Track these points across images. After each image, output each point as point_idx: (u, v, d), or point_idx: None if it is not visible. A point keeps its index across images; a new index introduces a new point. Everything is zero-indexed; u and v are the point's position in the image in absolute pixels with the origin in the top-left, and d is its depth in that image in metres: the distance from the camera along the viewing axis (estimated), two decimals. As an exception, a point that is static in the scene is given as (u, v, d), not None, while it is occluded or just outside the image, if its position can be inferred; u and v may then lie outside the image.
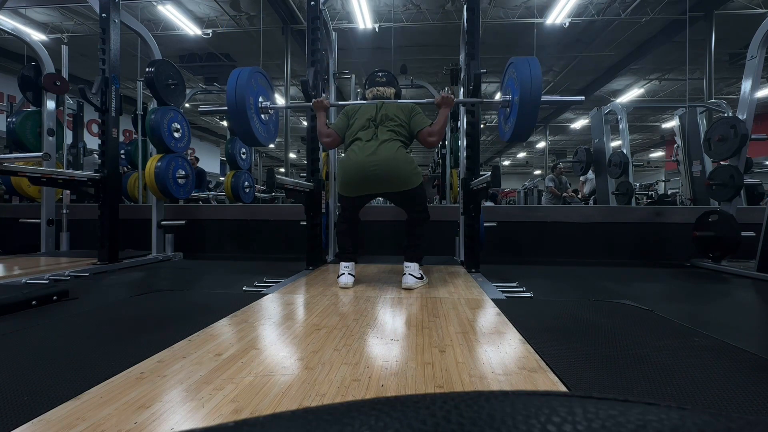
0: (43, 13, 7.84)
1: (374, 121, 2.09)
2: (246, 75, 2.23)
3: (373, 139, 2.05)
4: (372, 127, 2.08)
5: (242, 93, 2.19)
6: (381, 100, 2.19)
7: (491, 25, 8.03)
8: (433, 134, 2.07)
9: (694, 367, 1.02)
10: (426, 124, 2.10)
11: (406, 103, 2.19)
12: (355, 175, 2.01)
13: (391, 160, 1.98)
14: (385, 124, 2.08)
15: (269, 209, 4.27)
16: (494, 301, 1.72)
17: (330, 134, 2.19)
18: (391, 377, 0.92)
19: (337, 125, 2.21)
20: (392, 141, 2.03)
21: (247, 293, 1.93)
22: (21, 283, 2.23)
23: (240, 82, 2.19)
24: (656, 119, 15.09)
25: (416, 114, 2.14)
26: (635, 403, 0.17)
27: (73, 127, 5.22)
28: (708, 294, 2.23)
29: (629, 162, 4.96)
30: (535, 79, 1.98)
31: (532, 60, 2.04)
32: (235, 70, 2.26)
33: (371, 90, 2.28)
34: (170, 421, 0.72)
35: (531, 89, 1.98)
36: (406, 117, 2.12)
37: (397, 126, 2.08)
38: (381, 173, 1.98)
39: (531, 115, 2.04)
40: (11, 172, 2.56)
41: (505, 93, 2.27)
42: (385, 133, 2.05)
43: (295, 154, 17.48)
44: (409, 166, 2.02)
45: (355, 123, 2.14)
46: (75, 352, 1.11)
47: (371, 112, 2.13)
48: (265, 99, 2.44)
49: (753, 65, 2.95)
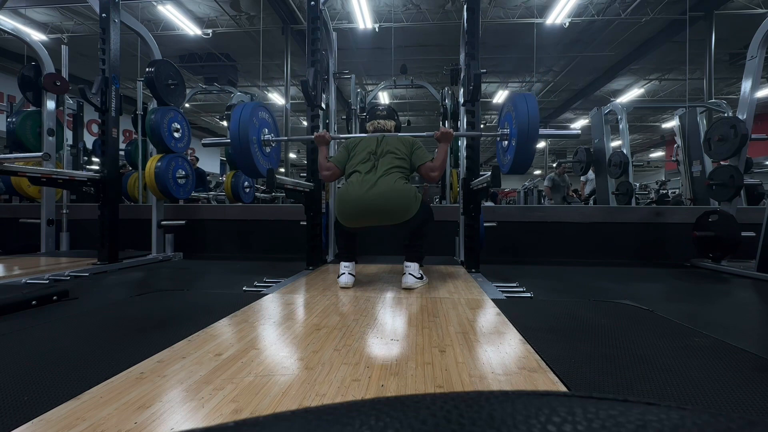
0: (43, 13, 7.84)
1: (374, 153, 2.10)
2: (249, 110, 2.26)
3: (372, 172, 2.04)
4: (372, 159, 2.09)
5: (246, 127, 2.21)
6: (382, 134, 2.20)
7: (491, 25, 8.03)
8: (435, 169, 2.09)
9: (694, 367, 1.02)
10: (427, 158, 2.11)
11: (407, 137, 2.20)
12: (354, 209, 2.00)
13: (390, 192, 1.97)
14: (385, 156, 2.09)
15: (269, 209, 4.27)
16: (494, 301, 1.72)
17: (329, 167, 2.20)
18: (391, 377, 0.92)
19: (337, 158, 2.21)
20: (391, 173, 2.03)
21: (247, 293, 1.93)
22: (21, 283, 2.23)
23: (243, 117, 2.22)
24: (656, 119, 15.08)
25: (417, 148, 2.15)
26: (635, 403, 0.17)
27: (73, 127, 5.22)
28: (708, 294, 2.23)
29: (629, 162, 4.96)
30: (533, 116, 2.01)
31: (529, 97, 2.09)
32: (239, 105, 2.30)
33: (372, 123, 2.30)
34: (170, 421, 0.72)
35: (529, 126, 2.02)
36: (407, 150, 2.13)
37: (397, 158, 2.08)
38: (380, 208, 1.97)
39: (528, 151, 2.08)
40: (11, 172, 2.56)
41: (503, 126, 2.30)
42: (385, 165, 2.05)
43: (295, 154, 17.47)
44: (408, 196, 2.00)
45: (356, 156, 2.14)
46: (75, 352, 1.11)
47: (372, 146, 2.14)
48: (268, 131, 2.45)
49: (753, 65, 2.95)
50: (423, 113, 14.80)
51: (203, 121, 15.23)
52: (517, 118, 2.06)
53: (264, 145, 2.41)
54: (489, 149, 22.25)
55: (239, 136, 2.21)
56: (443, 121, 5.48)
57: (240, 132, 2.21)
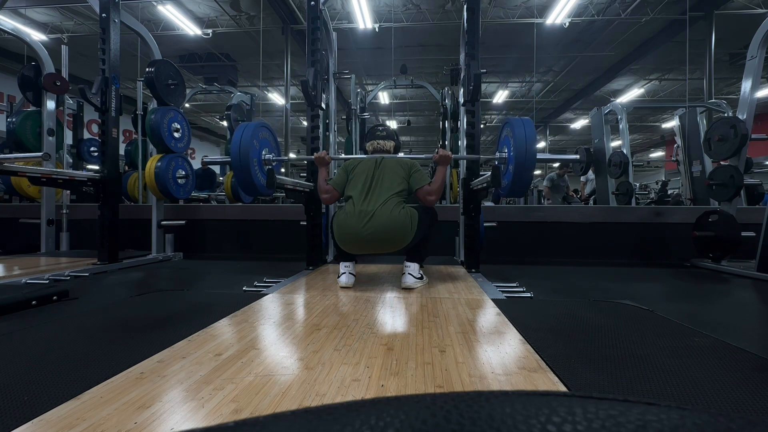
0: (43, 13, 7.84)
1: (372, 177, 2.11)
2: (251, 130, 2.26)
3: (368, 199, 2.04)
4: (369, 184, 2.09)
5: (246, 147, 2.22)
6: (381, 156, 2.21)
7: (491, 25, 8.03)
8: (432, 193, 2.08)
9: (694, 367, 1.02)
10: (425, 182, 2.11)
11: (406, 159, 2.21)
12: (353, 241, 2.02)
13: (388, 224, 1.96)
14: (383, 180, 2.09)
15: (269, 209, 4.27)
16: (494, 301, 1.72)
17: (328, 191, 2.20)
18: (391, 377, 0.92)
19: (336, 182, 2.22)
20: (389, 201, 2.02)
21: (247, 293, 1.93)
22: (21, 283, 2.23)
23: (245, 137, 2.23)
24: (656, 119, 15.08)
25: (416, 171, 2.14)
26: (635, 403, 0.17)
27: (73, 127, 5.22)
28: (708, 294, 2.23)
29: (629, 162, 4.96)
30: (530, 140, 2.03)
31: (527, 121, 2.10)
32: (241, 125, 2.31)
33: (371, 143, 2.31)
34: (170, 421, 0.72)
35: (526, 150, 2.03)
36: (405, 173, 2.13)
37: (395, 183, 2.08)
38: (378, 240, 1.97)
39: (527, 174, 2.10)
40: (11, 172, 2.56)
41: (501, 150, 2.32)
42: (382, 193, 2.05)
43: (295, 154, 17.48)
44: (405, 224, 1.98)
45: (354, 179, 2.15)
46: (75, 352, 1.11)
47: (371, 168, 2.14)
48: (269, 151, 2.45)
49: (753, 65, 2.95)
50: (423, 113, 14.80)
51: (203, 121, 15.23)
52: (515, 144, 2.07)
53: (264, 164, 2.42)
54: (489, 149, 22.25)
55: (240, 156, 2.22)
56: (443, 120, 5.48)
57: (241, 152, 2.22)
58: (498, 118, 16.23)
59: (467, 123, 2.76)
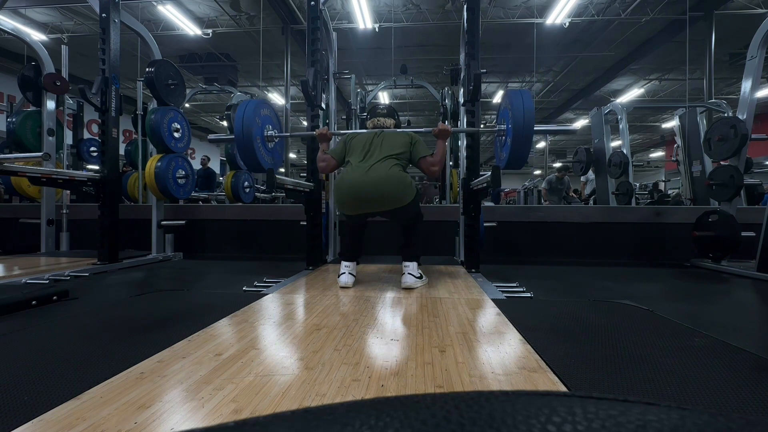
0: (43, 13, 7.84)
1: (371, 144, 2.12)
2: (252, 107, 2.28)
3: (366, 159, 2.06)
4: (368, 149, 2.10)
5: (249, 124, 2.23)
6: (381, 130, 2.22)
7: (491, 25, 8.03)
8: (435, 164, 2.10)
9: (695, 367, 1.02)
10: (427, 152, 2.12)
11: (406, 132, 2.22)
12: (348, 195, 2.02)
13: (383, 179, 1.97)
14: (383, 144, 2.10)
15: (269, 209, 4.27)
16: (494, 301, 1.72)
17: (326, 159, 2.22)
18: (391, 377, 0.92)
19: (334, 150, 2.23)
20: (387, 160, 2.03)
21: (247, 293, 1.93)
22: (21, 283, 2.23)
23: (247, 114, 2.24)
24: (656, 119, 15.08)
25: (417, 142, 2.16)
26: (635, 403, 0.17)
27: (73, 127, 5.22)
28: (708, 294, 2.23)
29: (629, 162, 4.96)
30: (528, 111, 2.03)
31: (524, 93, 2.11)
32: (243, 102, 2.32)
33: (372, 120, 2.32)
34: (170, 421, 0.72)
35: (524, 121, 2.03)
36: (405, 143, 2.13)
37: (393, 148, 2.09)
38: (373, 193, 1.97)
39: (524, 145, 2.10)
40: (11, 172, 2.56)
41: (500, 123, 2.33)
42: (381, 153, 2.06)
43: (295, 154, 17.48)
44: (401, 183, 2.00)
45: (353, 146, 2.16)
46: (75, 352, 1.11)
47: (370, 136, 2.15)
48: (272, 128, 2.46)
49: (753, 65, 2.95)
50: (423, 113, 14.80)
51: (203, 121, 15.23)
52: (512, 114, 2.07)
53: (267, 141, 2.43)
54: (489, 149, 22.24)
55: (243, 133, 2.23)
56: (443, 120, 5.48)
57: (244, 129, 2.23)
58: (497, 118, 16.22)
59: (467, 123, 2.75)
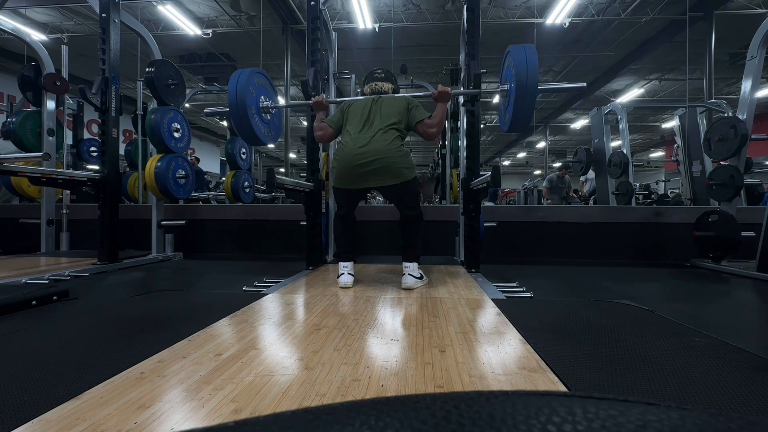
0: (43, 13, 7.84)
1: (370, 111, 2.08)
2: (246, 76, 2.23)
3: (365, 129, 2.03)
4: (366, 117, 2.06)
5: (243, 94, 2.18)
6: (378, 95, 2.17)
7: (491, 25, 8.03)
8: (432, 126, 2.04)
9: (695, 367, 1.02)
10: (425, 116, 2.07)
11: (404, 96, 2.16)
12: (347, 167, 1.99)
13: (383, 151, 1.95)
14: (380, 114, 2.06)
15: (269, 209, 4.27)
16: (494, 301, 1.72)
17: (323, 128, 2.18)
18: (391, 377, 0.92)
19: (332, 119, 2.19)
20: (386, 132, 2.00)
21: (247, 293, 1.93)
22: (21, 283, 2.23)
23: (240, 84, 2.19)
24: (656, 119, 15.08)
25: (414, 106, 2.11)
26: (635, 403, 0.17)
27: (73, 127, 5.22)
28: (708, 294, 2.23)
29: (629, 162, 4.96)
30: (532, 66, 1.92)
31: (528, 47, 1.98)
32: (236, 72, 2.26)
33: (369, 85, 2.27)
34: (170, 421, 0.72)
35: (527, 77, 1.92)
36: (403, 109, 2.09)
37: (392, 116, 2.05)
38: (372, 165, 1.95)
39: (529, 104, 1.98)
40: (11, 172, 2.56)
41: (504, 83, 2.21)
42: (380, 123, 2.03)
43: (295, 154, 17.48)
44: (401, 160, 1.98)
45: (351, 115, 2.13)
46: (75, 352, 1.11)
47: (368, 104, 2.11)
48: (267, 99, 2.43)
49: (753, 65, 2.95)
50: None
51: (203, 121, 15.23)
52: (516, 71, 1.96)
53: (263, 112, 2.38)
54: (489, 149, 22.24)
55: (237, 102, 2.17)
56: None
57: (237, 99, 2.16)
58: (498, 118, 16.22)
59: (467, 123, 2.76)
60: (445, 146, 5.37)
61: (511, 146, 21.17)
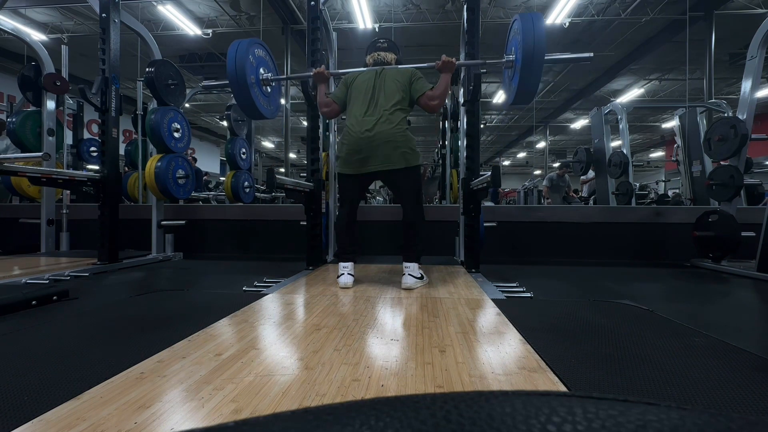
0: (43, 13, 7.84)
1: (374, 88, 2.07)
2: (245, 45, 2.16)
3: (370, 110, 2.03)
4: (371, 97, 2.06)
5: (242, 63, 2.12)
6: (381, 67, 2.15)
7: (491, 25, 8.03)
8: (435, 98, 2.02)
9: (695, 367, 1.02)
10: (427, 88, 2.06)
11: (407, 68, 2.14)
12: (353, 150, 2.01)
13: (389, 135, 1.97)
14: (384, 90, 2.05)
15: (269, 209, 4.27)
16: (494, 301, 1.72)
17: (329, 104, 2.16)
18: (391, 377, 0.92)
19: (336, 94, 2.18)
20: (392, 113, 2.01)
21: (247, 293, 1.93)
22: (21, 283, 2.23)
23: (240, 53, 2.13)
24: (656, 119, 15.09)
25: (417, 78, 2.09)
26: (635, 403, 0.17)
27: (73, 127, 5.22)
28: (708, 294, 2.23)
29: (629, 162, 4.96)
30: (539, 33, 1.88)
31: (535, 15, 1.94)
32: (235, 41, 2.20)
33: (372, 55, 2.24)
34: (170, 421, 0.72)
35: (534, 45, 1.88)
36: (406, 81, 2.08)
37: (396, 93, 2.05)
38: (378, 148, 1.97)
39: (536, 73, 1.93)
40: (11, 172, 2.56)
41: (509, 53, 2.17)
42: (384, 103, 2.03)
43: (295, 154, 17.48)
44: (407, 143, 2.00)
45: (355, 91, 2.12)
46: (75, 352, 1.11)
47: (371, 80, 2.10)
48: (267, 71, 2.39)
49: (753, 65, 2.95)
50: (423, 113, 14.77)
51: (203, 121, 15.23)
52: (523, 41, 1.92)
53: (263, 84, 2.34)
54: (489, 149, 22.24)
55: (236, 72, 2.12)
56: (443, 120, 5.47)
57: (237, 68, 2.12)
58: (498, 118, 16.22)
59: (467, 123, 2.76)
60: (445, 146, 5.37)
61: (511, 146, 21.17)
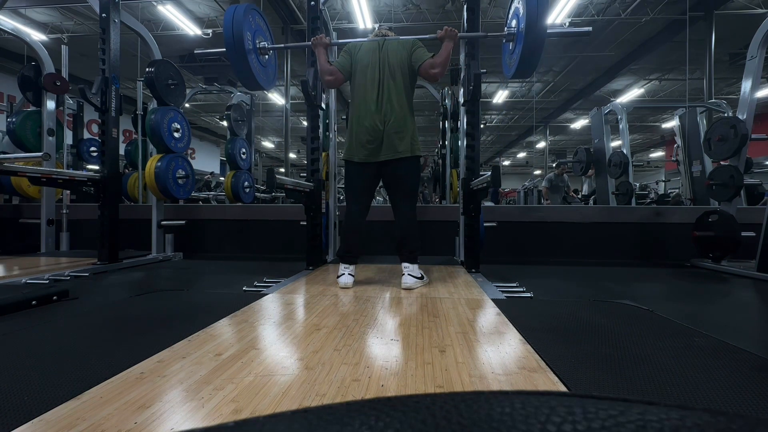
0: (43, 13, 7.84)
1: (379, 67, 2.09)
2: (242, 11, 2.12)
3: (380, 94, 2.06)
4: (379, 77, 2.08)
5: (239, 29, 2.09)
6: (383, 38, 2.17)
7: (491, 25, 8.02)
8: (436, 66, 2.00)
9: (694, 367, 1.02)
10: (428, 56, 2.06)
11: (408, 39, 2.16)
12: (367, 138, 2.05)
13: (398, 123, 2.03)
14: (388, 68, 2.08)
15: (269, 209, 4.27)
16: (494, 301, 1.72)
17: (333, 72, 2.16)
18: (391, 377, 0.92)
19: (340, 63, 2.18)
20: (399, 95, 2.05)
21: (247, 293, 1.93)
22: (21, 283, 2.23)
23: (236, 18, 2.09)
24: (656, 119, 15.09)
25: (417, 48, 2.10)
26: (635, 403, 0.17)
27: (73, 127, 5.22)
28: (708, 294, 2.23)
29: (629, 162, 4.97)
30: (542, 5, 1.88)
31: None
32: (230, 7, 2.15)
33: (375, 32, 2.28)
34: (170, 421, 0.72)
35: (537, 16, 1.87)
36: (407, 52, 2.10)
37: (398, 68, 2.07)
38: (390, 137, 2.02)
39: (537, 46, 1.92)
40: (11, 172, 2.56)
41: (510, 25, 2.15)
42: (390, 82, 2.06)
43: (295, 154, 17.47)
44: (412, 131, 2.07)
45: (359, 65, 2.13)
46: (75, 352, 1.11)
47: (374, 51, 2.12)
48: (263, 39, 2.37)
49: (753, 65, 2.95)
50: (423, 113, 14.79)
51: (203, 121, 15.23)
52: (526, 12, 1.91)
53: (260, 53, 2.32)
54: (489, 149, 22.24)
55: (233, 38, 2.08)
56: (443, 120, 5.47)
57: (234, 34, 2.08)
58: (498, 118, 16.22)
59: (467, 123, 2.75)
60: (445, 146, 5.37)
61: (511, 146, 21.17)
